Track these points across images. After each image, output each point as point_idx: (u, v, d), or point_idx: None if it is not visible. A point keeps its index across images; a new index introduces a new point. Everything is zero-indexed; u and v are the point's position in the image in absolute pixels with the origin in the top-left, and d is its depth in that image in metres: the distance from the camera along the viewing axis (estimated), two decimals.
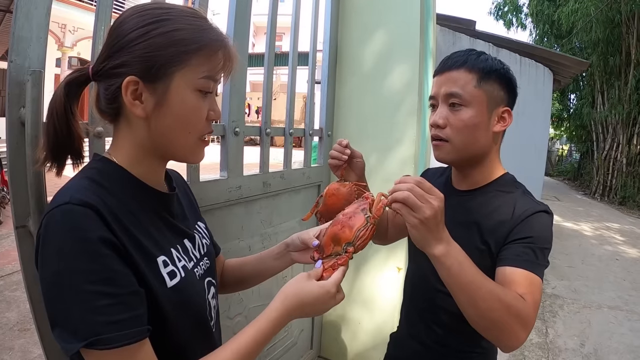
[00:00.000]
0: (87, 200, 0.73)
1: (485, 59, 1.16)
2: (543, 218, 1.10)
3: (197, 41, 0.83)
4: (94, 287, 0.70)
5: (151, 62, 0.80)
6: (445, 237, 0.94)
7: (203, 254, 1.02)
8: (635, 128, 12.51)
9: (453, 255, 0.93)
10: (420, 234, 0.92)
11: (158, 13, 0.82)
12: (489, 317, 0.93)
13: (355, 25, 2.62)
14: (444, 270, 0.94)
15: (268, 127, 2.10)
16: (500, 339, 0.97)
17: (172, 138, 0.87)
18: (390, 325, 2.60)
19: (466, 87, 1.14)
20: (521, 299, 0.95)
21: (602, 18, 11.90)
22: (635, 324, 4.24)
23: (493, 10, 17.75)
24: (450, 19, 4.84)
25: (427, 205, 0.89)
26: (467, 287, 0.93)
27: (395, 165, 2.53)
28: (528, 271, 1.01)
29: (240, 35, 1.87)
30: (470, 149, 1.18)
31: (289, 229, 2.34)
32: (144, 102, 0.82)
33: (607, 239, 7.98)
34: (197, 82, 0.84)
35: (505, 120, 1.18)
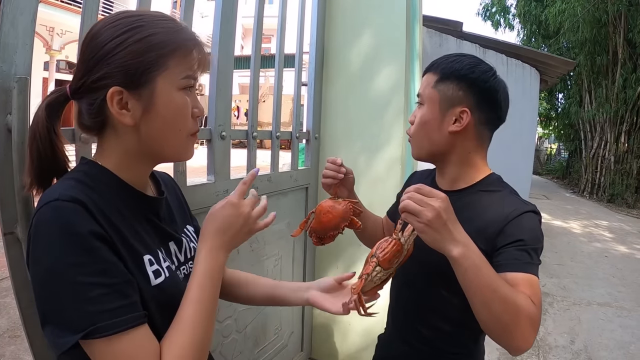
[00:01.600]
0: (75, 196, 0.74)
1: (452, 60, 1.21)
2: (532, 218, 1.12)
3: (173, 42, 0.84)
4: (86, 279, 0.71)
5: (132, 69, 0.81)
6: (461, 238, 0.95)
7: (189, 258, 1.03)
8: (622, 126, 12.63)
9: (470, 258, 0.94)
10: (429, 236, 0.94)
11: (131, 21, 0.83)
12: (502, 320, 0.94)
13: (342, 27, 2.63)
14: (461, 272, 0.96)
15: (255, 131, 2.10)
16: (511, 342, 0.97)
17: (164, 139, 0.87)
18: (380, 326, 2.59)
19: (426, 88, 1.23)
20: (531, 302, 0.97)
21: (589, 18, 12.00)
22: (624, 320, 4.29)
23: (481, 11, 17.80)
24: (437, 21, 4.86)
25: (427, 208, 0.93)
26: (482, 290, 0.94)
27: (382, 166, 2.54)
28: (527, 273, 1.03)
29: (226, 38, 1.88)
30: (424, 144, 1.25)
31: (277, 231, 2.35)
32: (130, 110, 0.82)
33: (596, 236, 8.06)
34: (180, 82, 0.86)
35: (462, 120, 1.18)
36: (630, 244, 7.49)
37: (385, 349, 1.47)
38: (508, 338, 0.97)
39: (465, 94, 1.18)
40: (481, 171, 1.25)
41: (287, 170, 2.42)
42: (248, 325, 2.17)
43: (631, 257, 6.70)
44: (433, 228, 0.93)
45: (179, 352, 0.78)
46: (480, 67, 1.19)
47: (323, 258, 2.78)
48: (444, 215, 0.93)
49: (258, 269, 2.21)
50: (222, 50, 1.85)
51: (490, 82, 1.19)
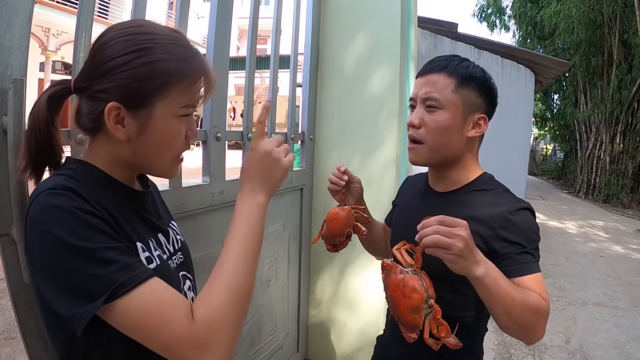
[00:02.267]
0: (69, 186, 0.76)
1: (467, 65, 1.20)
2: (527, 216, 1.15)
3: (179, 72, 0.84)
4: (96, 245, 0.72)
5: (133, 91, 0.81)
6: (481, 258, 0.99)
7: (177, 249, 1.04)
8: (618, 127, 12.66)
9: (491, 274, 0.99)
10: (459, 265, 0.96)
11: (141, 40, 0.83)
12: (521, 322, 1.02)
13: (337, 29, 2.64)
14: (483, 289, 1.00)
15: (250, 132, 2.10)
16: (529, 338, 1.08)
17: (152, 159, 0.89)
18: (375, 326, 2.61)
19: (444, 91, 1.17)
20: (542, 299, 1.05)
21: (584, 19, 12.04)
22: (620, 320, 4.29)
23: (476, 12, 17.87)
24: (432, 22, 4.87)
25: (457, 239, 0.93)
26: (502, 300, 0.99)
27: (377, 167, 2.55)
28: (533, 274, 1.09)
29: (222, 39, 1.88)
30: (442, 150, 1.21)
31: (272, 232, 2.35)
32: (126, 126, 0.83)
33: (592, 236, 8.07)
34: (178, 111, 0.86)
35: (481, 127, 1.21)
36: (626, 244, 7.50)
37: (384, 350, 1.47)
38: (527, 336, 1.07)
39: (482, 100, 1.20)
40: (474, 171, 1.26)
41: None
42: (244, 326, 2.17)
43: (626, 257, 6.72)
44: (463, 257, 0.94)
45: (213, 302, 0.78)
46: (487, 73, 1.22)
47: (318, 259, 2.78)
48: (470, 243, 0.96)
49: None
50: (217, 51, 1.86)
51: (495, 87, 1.23)
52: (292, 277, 2.62)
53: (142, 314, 0.72)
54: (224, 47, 1.90)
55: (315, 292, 2.83)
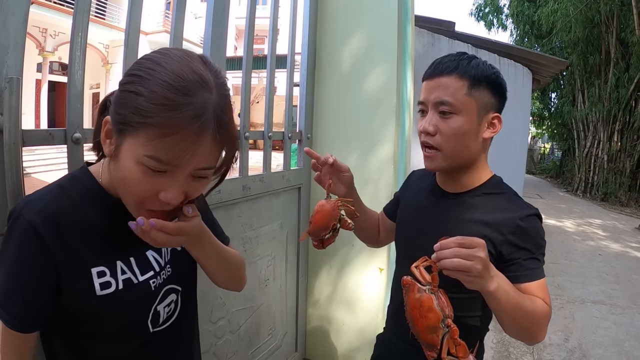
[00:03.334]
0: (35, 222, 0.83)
1: (476, 64, 1.16)
2: (536, 222, 1.15)
3: (154, 115, 0.74)
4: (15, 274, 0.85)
5: (116, 114, 0.79)
6: (494, 274, 0.99)
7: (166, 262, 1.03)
8: (615, 125, 12.69)
9: (502, 287, 0.99)
10: (478, 284, 0.96)
11: (144, 66, 0.78)
12: (528, 329, 1.07)
13: (334, 28, 2.63)
14: (494, 302, 1.01)
15: (247, 131, 2.10)
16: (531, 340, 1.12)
17: (119, 189, 0.85)
18: (373, 325, 2.61)
19: (457, 95, 1.13)
20: (546, 305, 1.09)
21: (582, 18, 12.07)
22: (618, 318, 4.30)
23: (474, 11, 17.89)
24: (429, 21, 4.87)
25: (476, 261, 0.92)
26: (512, 310, 1.02)
27: (375, 166, 2.55)
28: (538, 280, 1.11)
29: (218, 39, 1.88)
30: (460, 156, 1.19)
31: (270, 232, 2.35)
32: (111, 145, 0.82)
33: (590, 234, 8.09)
34: (141, 158, 0.76)
35: (495, 126, 1.19)
36: (624, 242, 7.52)
37: (385, 349, 1.46)
38: (530, 339, 1.11)
39: (495, 99, 1.18)
40: (484, 173, 1.25)
41: (279, 171, 2.43)
42: (242, 325, 2.17)
43: (625, 255, 6.74)
44: (482, 277, 0.94)
45: None
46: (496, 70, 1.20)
47: (316, 259, 2.78)
48: (487, 263, 0.95)
49: (251, 269, 2.21)
50: (214, 51, 1.85)
51: (504, 82, 1.21)
52: (290, 276, 2.61)
53: None
54: (221, 47, 1.90)
55: (313, 292, 2.82)
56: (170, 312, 1.05)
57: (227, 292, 2.03)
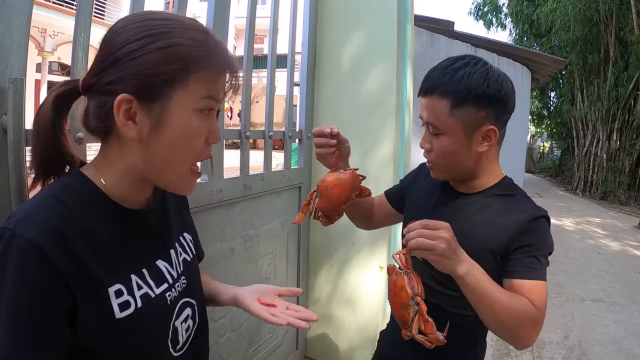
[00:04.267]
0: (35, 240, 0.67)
1: (460, 77, 1.10)
2: (543, 224, 1.15)
3: (199, 59, 0.76)
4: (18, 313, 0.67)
5: (146, 80, 0.73)
6: (464, 258, 1.03)
7: (180, 273, 0.96)
8: (614, 124, 12.68)
9: (473, 274, 1.02)
10: (443, 265, 1.00)
11: (156, 24, 0.75)
12: (506, 325, 1.05)
13: (334, 27, 2.65)
14: (465, 287, 1.03)
15: (247, 130, 2.11)
16: (516, 342, 1.08)
17: (167, 164, 0.80)
18: (374, 324, 2.62)
19: (440, 117, 1.12)
20: (531, 305, 1.05)
21: (581, 17, 12.06)
22: (618, 316, 4.31)
23: (473, 11, 17.88)
24: (428, 20, 4.88)
25: (439, 240, 0.98)
26: (484, 300, 1.03)
27: (375, 165, 2.56)
28: (534, 280, 1.09)
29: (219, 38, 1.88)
30: (455, 170, 1.21)
31: (271, 230, 2.36)
32: (138, 123, 0.75)
33: (589, 233, 8.10)
34: (198, 103, 0.77)
35: (491, 139, 1.15)
36: (623, 241, 7.53)
37: (389, 345, 1.48)
38: (512, 339, 1.08)
39: (486, 112, 1.11)
40: (496, 175, 1.25)
41: (280, 170, 2.44)
42: (243, 324, 2.18)
43: (624, 253, 6.74)
44: (446, 256, 0.98)
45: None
46: (489, 75, 1.11)
47: (317, 257, 2.79)
48: (453, 244, 0.99)
49: (252, 267, 2.23)
50: None
51: (504, 87, 1.14)
52: (290, 274, 2.63)
53: None
54: None
55: (314, 290, 2.84)
56: (190, 330, 0.98)
57: None
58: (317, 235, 2.77)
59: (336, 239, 2.70)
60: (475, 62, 1.15)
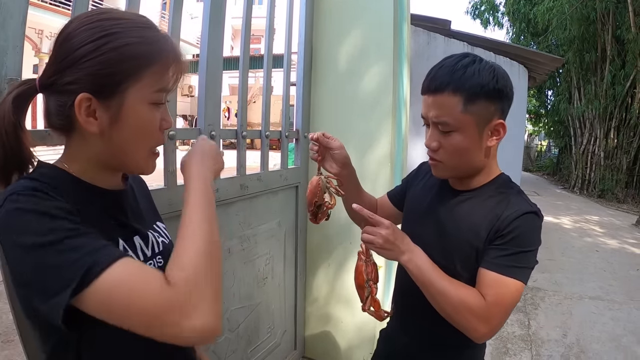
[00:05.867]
0: (32, 185, 0.74)
1: (472, 73, 1.11)
2: (530, 220, 1.14)
3: (150, 55, 0.83)
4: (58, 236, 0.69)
5: (104, 79, 0.79)
6: (407, 248, 1.19)
7: (156, 252, 0.99)
8: (612, 122, 12.72)
9: (414, 261, 1.17)
10: (384, 255, 1.19)
11: (108, 25, 0.80)
12: (445, 310, 1.14)
13: (330, 27, 2.65)
14: (409, 273, 1.18)
15: (244, 130, 2.11)
16: (463, 330, 1.13)
17: (127, 152, 0.86)
18: (372, 323, 2.62)
19: (453, 113, 1.12)
20: (478, 296, 1.11)
21: (577, 15, 12.09)
22: (616, 313, 4.32)
23: (470, 10, 17.92)
24: (425, 19, 4.88)
25: (377, 236, 1.17)
26: (427, 286, 1.16)
27: (372, 164, 2.56)
28: (498, 274, 1.09)
29: (215, 39, 1.88)
30: (464, 167, 1.22)
31: (268, 230, 2.36)
32: (98, 118, 0.81)
33: (587, 231, 8.12)
34: (151, 96, 0.84)
35: (500, 133, 1.17)
36: (621, 238, 7.55)
37: (389, 343, 1.49)
38: (458, 326, 1.14)
39: (495, 106, 1.14)
40: (493, 172, 1.26)
41: (277, 169, 2.44)
42: (241, 324, 2.18)
43: (622, 251, 6.76)
44: (385, 249, 1.17)
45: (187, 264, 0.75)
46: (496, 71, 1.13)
47: (314, 257, 2.79)
48: (391, 238, 1.16)
49: (250, 267, 2.22)
50: (210, 51, 1.86)
51: (508, 82, 1.16)
52: (288, 274, 2.62)
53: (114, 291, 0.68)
54: (218, 47, 1.91)
55: (311, 290, 2.84)
56: None
57: (225, 291, 2.04)
58: (315, 235, 2.77)
59: (333, 239, 2.70)
60: (480, 60, 1.16)
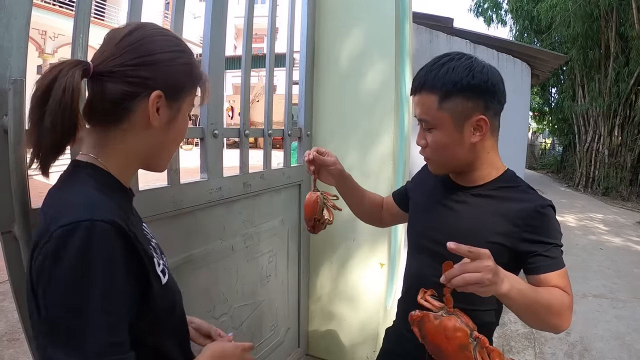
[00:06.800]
0: (112, 218, 0.75)
1: (446, 71, 1.14)
2: (552, 214, 1.18)
3: (199, 76, 0.98)
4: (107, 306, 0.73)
5: (176, 84, 0.92)
6: (504, 275, 0.97)
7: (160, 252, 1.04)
8: (616, 120, 12.65)
9: (515, 287, 0.99)
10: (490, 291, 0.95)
11: (176, 42, 0.94)
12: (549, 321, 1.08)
13: (332, 25, 2.65)
14: (509, 302, 1.01)
15: (247, 129, 2.12)
16: (557, 330, 1.11)
17: (167, 148, 0.99)
18: (375, 321, 2.63)
19: (430, 112, 1.17)
20: (565, 294, 1.10)
21: (581, 12, 12.04)
22: (620, 311, 4.31)
23: (473, 7, 17.86)
24: (427, 17, 4.87)
25: (485, 271, 0.92)
26: (529, 307, 1.04)
27: (374, 162, 2.56)
28: (559, 270, 1.13)
29: (217, 39, 1.89)
30: (450, 163, 1.23)
31: (271, 228, 2.37)
32: (160, 114, 0.90)
33: (591, 229, 8.09)
34: (190, 108, 0.99)
35: (482, 129, 1.17)
36: (625, 236, 7.53)
37: (396, 342, 1.47)
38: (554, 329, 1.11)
39: (474, 102, 1.14)
40: (497, 167, 1.26)
41: (279, 168, 2.44)
42: (244, 322, 2.19)
43: (626, 249, 6.74)
44: (494, 283, 0.93)
45: None
46: (474, 67, 1.14)
47: (317, 255, 2.80)
48: (496, 268, 0.94)
49: (253, 265, 2.23)
50: (213, 51, 1.87)
51: (490, 77, 1.16)
52: (291, 272, 2.63)
53: None
54: (220, 47, 1.92)
55: (315, 288, 2.84)
56: None
57: (229, 288, 2.06)
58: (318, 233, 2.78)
59: (337, 237, 2.71)
60: (460, 57, 1.17)
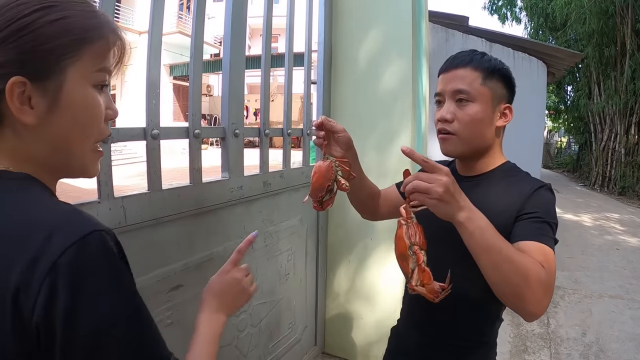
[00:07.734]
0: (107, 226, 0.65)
1: (488, 59, 1.24)
2: (547, 194, 1.19)
3: (92, 29, 0.70)
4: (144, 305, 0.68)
5: (40, 56, 0.65)
6: (466, 204, 1.00)
7: None
8: (632, 118, 12.51)
9: (475, 221, 0.99)
10: (441, 209, 0.98)
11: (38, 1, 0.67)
12: (512, 280, 0.97)
13: (348, 26, 2.67)
14: (467, 235, 1.00)
15: (267, 128, 2.14)
16: (524, 305, 1.00)
17: (71, 145, 0.72)
18: (392, 319, 2.60)
19: (473, 84, 1.21)
20: (541, 266, 0.99)
21: (596, 9, 11.90)
22: (636, 312, 4.27)
23: (487, 5, 17.77)
24: (443, 16, 4.87)
25: (436, 183, 0.95)
26: (488, 251, 0.98)
27: (392, 161, 2.57)
28: (541, 243, 1.06)
29: (237, 38, 1.92)
30: (475, 141, 1.25)
31: (290, 227, 2.39)
32: (34, 106, 0.66)
33: (607, 229, 8.01)
34: (93, 76, 0.71)
35: (507, 116, 1.26)
36: None
37: (400, 341, 1.48)
38: (520, 300, 0.99)
39: (507, 91, 1.26)
40: (499, 158, 1.30)
41: (298, 167, 2.47)
42: (263, 319, 2.22)
43: None
44: (444, 201, 0.96)
45: None
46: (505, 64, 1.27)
47: (335, 253, 2.82)
48: (451, 188, 0.97)
49: (272, 264, 2.26)
50: (233, 50, 1.89)
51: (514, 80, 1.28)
52: (309, 270, 2.66)
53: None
54: (240, 47, 1.94)
55: (332, 286, 2.86)
56: None
57: None
58: (336, 232, 2.80)
59: (354, 235, 2.72)
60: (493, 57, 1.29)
